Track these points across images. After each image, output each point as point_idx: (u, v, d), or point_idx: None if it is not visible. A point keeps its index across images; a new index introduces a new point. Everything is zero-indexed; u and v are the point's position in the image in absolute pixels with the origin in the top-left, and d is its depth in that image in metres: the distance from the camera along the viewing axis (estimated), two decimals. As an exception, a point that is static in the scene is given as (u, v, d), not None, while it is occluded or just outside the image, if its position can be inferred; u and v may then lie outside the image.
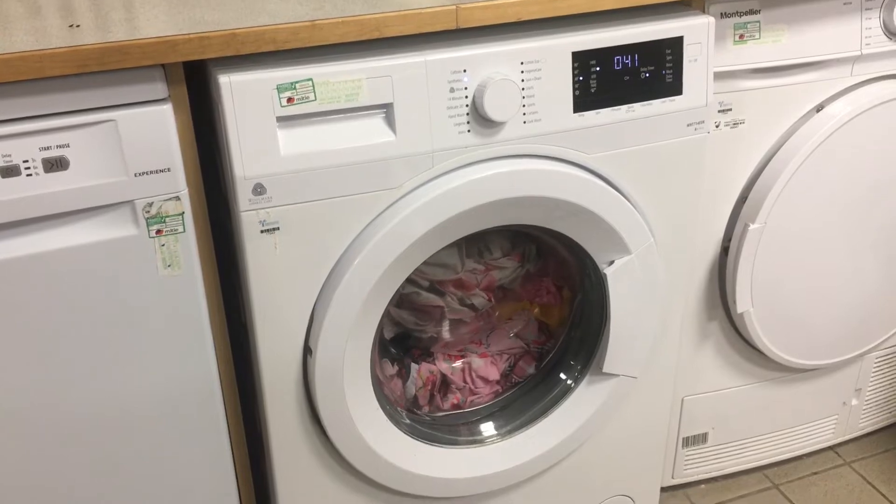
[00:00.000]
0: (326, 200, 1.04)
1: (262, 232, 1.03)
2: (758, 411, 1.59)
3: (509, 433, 1.33)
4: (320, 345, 1.09)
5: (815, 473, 1.69)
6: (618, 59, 1.11)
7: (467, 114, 1.06)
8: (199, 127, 1.03)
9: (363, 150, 1.03)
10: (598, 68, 1.10)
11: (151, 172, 0.98)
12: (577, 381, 1.33)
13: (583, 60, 1.09)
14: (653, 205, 1.22)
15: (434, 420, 1.35)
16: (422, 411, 1.35)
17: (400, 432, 1.23)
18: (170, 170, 0.99)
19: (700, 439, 1.59)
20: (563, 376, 1.35)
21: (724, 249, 1.39)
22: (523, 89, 1.07)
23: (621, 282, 1.22)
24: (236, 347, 1.17)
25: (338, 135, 1.02)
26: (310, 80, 0.99)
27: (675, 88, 1.15)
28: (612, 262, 1.21)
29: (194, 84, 1.02)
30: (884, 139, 1.37)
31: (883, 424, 1.78)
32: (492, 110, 1.05)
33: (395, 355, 1.36)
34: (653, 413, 1.42)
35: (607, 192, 1.16)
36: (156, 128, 0.96)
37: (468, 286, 1.32)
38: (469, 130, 1.07)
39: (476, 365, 1.38)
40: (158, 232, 1.01)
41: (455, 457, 1.29)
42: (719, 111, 1.28)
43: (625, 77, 1.12)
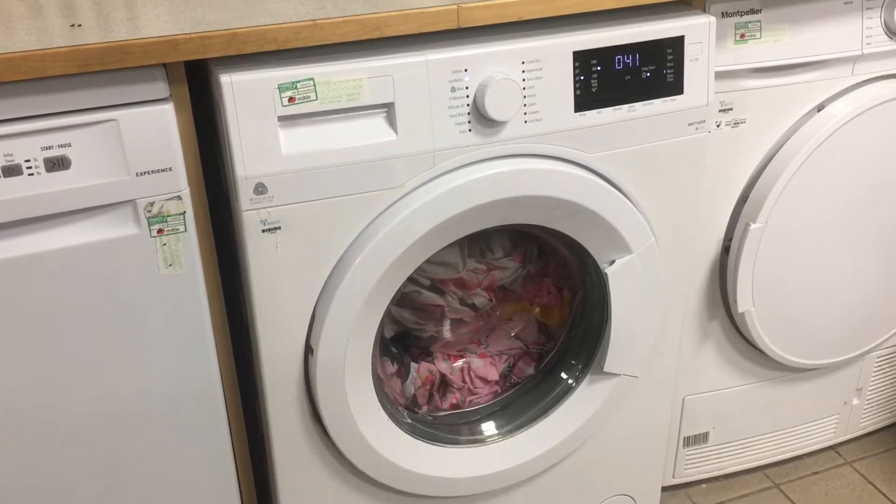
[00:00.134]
0: (328, 200, 1.04)
1: (264, 231, 1.03)
2: (759, 411, 1.59)
3: (510, 432, 1.33)
4: (321, 344, 1.09)
5: (815, 473, 1.69)
6: (619, 59, 1.11)
7: (468, 113, 1.06)
8: (201, 126, 1.03)
9: (364, 150, 1.03)
10: (599, 68, 1.10)
11: (153, 172, 0.98)
12: (578, 380, 1.33)
13: (584, 60, 1.09)
14: (654, 204, 1.22)
15: (435, 419, 1.35)
16: (421, 411, 1.35)
17: (401, 431, 1.23)
18: (171, 169, 0.99)
19: (701, 439, 1.59)
20: (563, 376, 1.35)
21: (725, 249, 1.39)
22: (524, 89, 1.07)
23: (622, 281, 1.22)
24: (237, 347, 1.17)
25: (339, 134, 1.02)
26: (311, 79, 0.99)
27: (676, 88, 1.15)
28: (613, 262, 1.21)
29: (196, 84, 1.02)
30: (884, 139, 1.37)
31: (884, 424, 1.78)
32: (493, 110, 1.05)
33: (395, 354, 1.36)
34: (654, 412, 1.42)
35: (608, 191, 1.16)
36: (157, 127, 0.97)
37: (469, 285, 1.32)
38: (470, 130, 1.07)
39: (475, 365, 1.38)
40: (160, 231, 1.01)
41: (456, 456, 1.29)
42: (720, 111, 1.28)
43: (626, 76, 1.12)
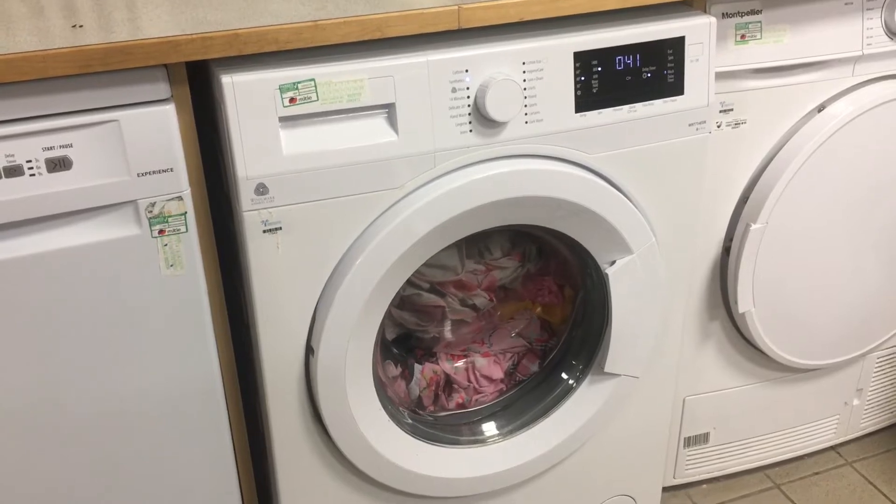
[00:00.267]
0: (329, 200, 1.04)
1: (265, 232, 1.03)
2: (759, 411, 1.59)
3: (511, 433, 1.33)
4: (322, 344, 1.10)
5: (816, 473, 1.69)
6: (619, 60, 1.11)
7: (469, 114, 1.06)
8: (202, 127, 1.03)
9: (365, 150, 1.03)
10: (599, 68, 1.10)
11: (154, 172, 0.98)
12: (579, 380, 1.33)
13: (585, 60, 1.09)
14: (654, 205, 1.22)
15: (436, 420, 1.35)
16: (426, 411, 1.35)
17: (402, 432, 1.23)
18: (172, 170, 0.99)
19: (701, 439, 1.59)
20: (564, 376, 1.35)
21: (726, 249, 1.39)
22: (525, 89, 1.07)
23: (623, 282, 1.22)
24: (238, 347, 1.17)
25: (340, 135, 1.02)
26: (312, 80, 0.99)
27: (676, 88, 1.15)
28: (613, 262, 1.21)
29: (197, 84, 1.02)
30: (885, 139, 1.37)
31: (884, 424, 1.77)
32: (494, 110, 1.05)
33: (398, 356, 1.36)
34: (654, 413, 1.42)
35: (609, 192, 1.16)
36: (158, 128, 0.97)
37: (469, 287, 1.32)
38: (471, 130, 1.07)
39: (479, 364, 1.38)
40: (161, 232, 1.01)
41: (457, 456, 1.29)
42: (721, 111, 1.28)
43: (626, 77, 1.12)
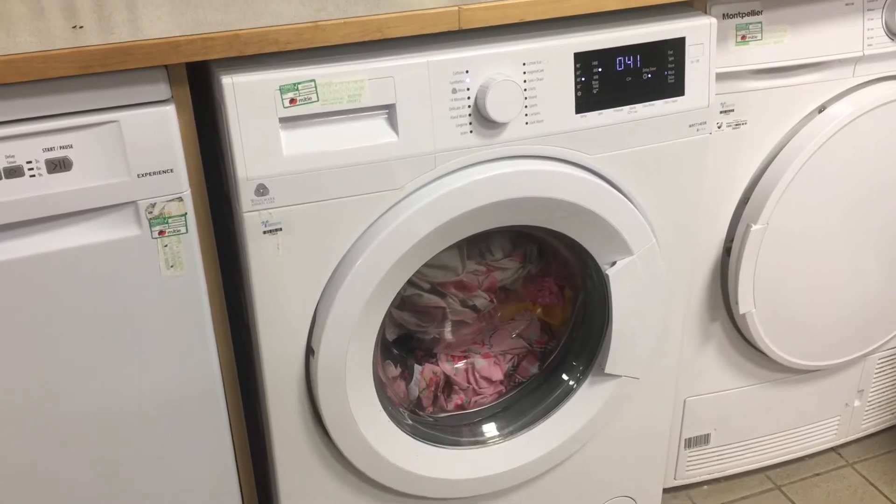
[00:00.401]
0: (329, 201, 1.04)
1: (265, 233, 1.03)
2: (760, 412, 1.59)
3: (511, 434, 1.33)
4: (323, 345, 1.10)
5: (817, 475, 1.69)
6: (620, 60, 1.11)
7: (469, 115, 1.06)
8: (202, 128, 1.03)
9: (366, 151, 1.03)
10: (600, 69, 1.10)
11: (154, 173, 0.98)
12: (580, 381, 1.33)
13: (585, 61, 1.09)
14: (655, 205, 1.22)
15: (436, 421, 1.35)
16: (425, 412, 1.35)
17: (402, 433, 1.23)
18: (173, 171, 0.99)
19: (702, 440, 1.59)
20: (565, 377, 1.35)
21: (727, 250, 1.39)
22: (525, 90, 1.07)
23: (623, 282, 1.22)
24: (238, 347, 1.17)
25: (340, 135, 1.02)
26: (312, 80, 0.99)
27: (677, 89, 1.15)
28: (614, 263, 1.21)
29: (197, 85, 1.02)
30: (886, 140, 1.37)
31: (885, 426, 1.77)
32: (494, 111, 1.05)
33: (398, 357, 1.36)
34: (655, 414, 1.42)
35: (609, 192, 1.16)
36: (159, 129, 0.97)
37: (470, 287, 1.32)
38: (471, 131, 1.07)
39: (479, 365, 1.38)
40: (161, 233, 1.01)
41: (457, 458, 1.29)
42: (721, 112, 1.28)
43: (627, 78, 1.12)
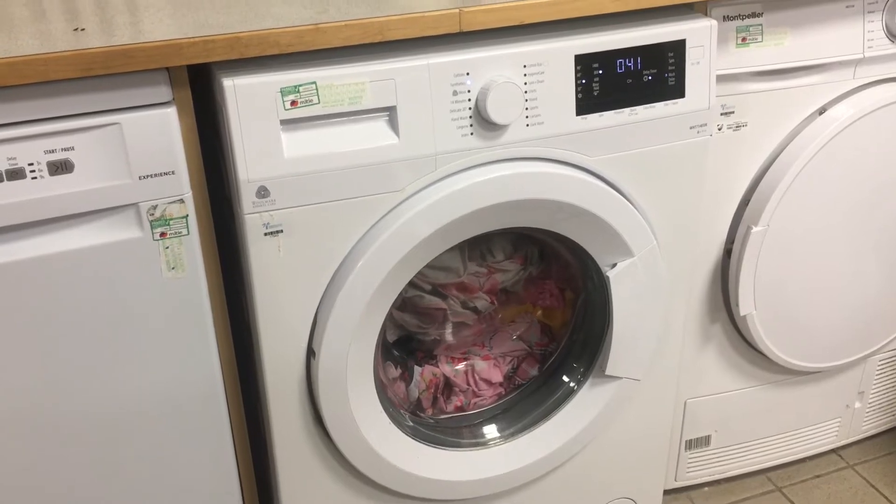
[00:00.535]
0: (330, 203, 1.04)
1: (266, 234, 1.04)
2: (761, 414, 1.59)
3: (512, 436, 1.33)
4: (324, 347, 1.10)
5: (818, 476, 1.69)
6: (620, 62, 1.11)
7: (470, 117, 1.06)
8: (203, 130, 1.04)
9: (366, 153, 1.03)
10: (600, 71, 1.10)
11: (156, 175, 0.98)
12: (580, 383, 1.33)
13: (585, 63, 1.09)
14: (655, 207, 1.22)
15: (437, 422, 1.35)
16: (425, 414, 1.35)
17: (403, 434, 1.23)
18: (174, 173, 0.99)
19: (703, 442, 1.59)
20: (565, 379, 1.35)
21: (727, 252, 1.39)
22: (526, 92, 1.07)
23: (624, 284, 1.22)
24: (240, 349, 1.17)
25: (341, 138, 1.03)
26: (313, 83, 0.99)
27: (677, 91, 1.15)
28: (614, 265, 1.21)
29: (198, 87, 1.02)
30: (886, 142, 1.37)
31: (886, 427, 1.77)
32: (495, 113, 1.05)
33: (399, 358, 1.36)
34: (655, 415, 1.42)
35: (610, 194, 1.16)
36: (160, 131, 0.97)
37: (471, 289, 1.32)
38: (472, 133, 1.07)
39: (479, 367, 1.38)
40: (162, 234, 1.01)
41: (458, 459, 1.29)
42: (722, 114, 1.28)
43: (627, 80, 1.12)
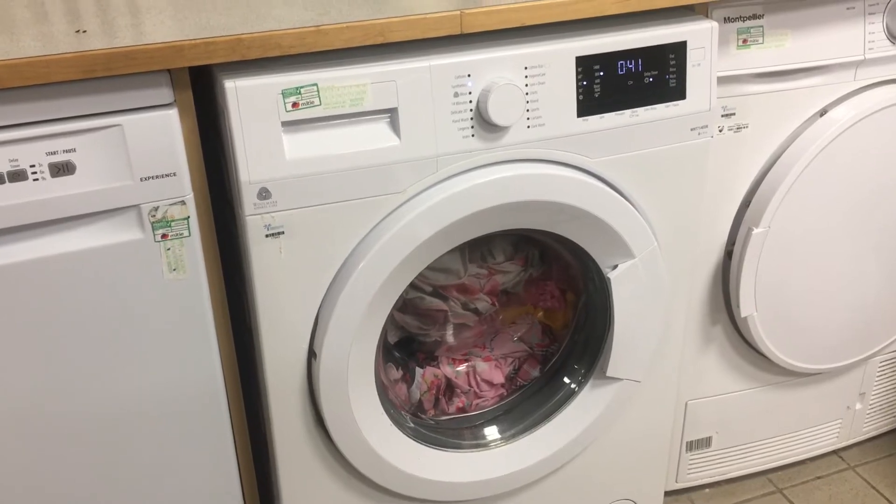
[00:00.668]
0: (331, 205, 1.04)
1: (267, 236, 1.04)
2: (762, 415, 1.59)
3: (513, 437, 1.33)
4: (325, 348, 1.10)
5: (819, 478, 1.69)
6: (621, 64, 1.11)
7: (471, 118, 1.06)
8: (205, 131, 1.04)
9: (368, 155, 1.04)
10: (601, 73, 1.10)
11: (157, 177, 0.98)
12: (581, 384, 1.33)
13: (586, 65, 1.09)
14: (656, 209, 1.22)
15: (438, 424, 1.35)
16: (427, 415, 1.35)
17: (404, 436, 1.23)
18: (175, 174, 0.99)
19: (704, 443, 1.59)
20: (566, 380, 1.35)
21: (728, 253, 1.39)
22: (527, 94, 1.07)
23: (625, 286, 1.22)
24: (241, 350, 1.18)
25: (342, 139, 1.03)
26: (315, 84, 0.99)
27: (678, 93, 1.15)
28: (615, 266, 1.21)
29: (199, 88, 1.02)
30: (887, 143, 1.37)
31: (887, 428, 1.77)
32: (496, 115, 1.05)
33: (400, 359, 1.36)
34: (656, 417, 1.42)
35: (611, 196, 1.16)
36: (162, 132, 0.97)
37: (472, 290, 1.32)
38: (473, 135, 1.07)
39: (480, 368, 1.38)
40: (164, 236, 1.01)
41: (459, 461, 1.29)
42: (723, 115, 1.28)
43: (628, 82, 1.12)
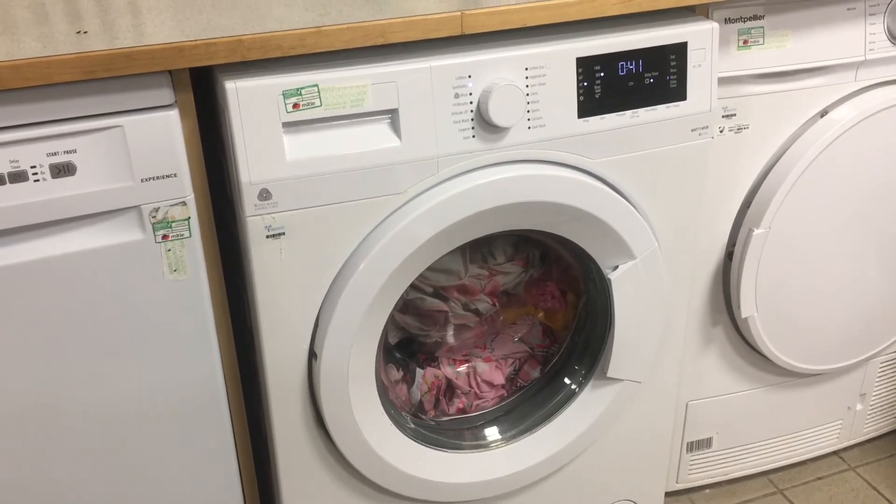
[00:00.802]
0: (332, 205, 1.04)
1: (268, 237, 1.04)
2: (762, 416, 1.59)
3: (514, 438, 1.33)
4: (325, 349, 1.10)
5: (819, 478, 1.69)
6: (622, 65, 1.11)
7: (472, 119, 1.06)
8: (205, 132, 1.04)
9: (368, 156, 1.04)
10: (602, 74, 1.10)
11: (158, 178, 0.99)
12: (582, 385, 1.33)
13: (587, 66, 1.09)
14: (657, 210, 1.22)
15: (439, 425, 1.35)
16: (427, 416, 1.35)
17: (404, 437, 1.23)
18: (176, 175, 0.99)
19: (704, 444, 1.59)
20: (567, 381, 1.35)
21: (729, 254, 1.39)
22: (528, 95, 1.07)
23: (625, 286, 1.22)
24: (241, 351, 1.18)
25: (343, 140, 1.03)
26: (315, 85, 0.99)
27: (679, 94, 1.15)
28: (616, 267, 1.21)
29: (200, 89, 1.02)
30: (887, 144, 1.37)
31: (887, 429, 1.77)
32: (496, 116, 1.05)
33: (400, 360, 1.36)
34: (657, 417, 1.42)
35: (611, 197, 1.16)
36: (162, 133, 0.97)
37: (472, 291, 1.32)
38: (474, 136, 1.07)
39: (481, 369, 1.38)
40: (164, 237, 1.01)
41: (459, 461, 1.29)
42: (723, 116, 1.28)
43: (629, 83, 1.12)
